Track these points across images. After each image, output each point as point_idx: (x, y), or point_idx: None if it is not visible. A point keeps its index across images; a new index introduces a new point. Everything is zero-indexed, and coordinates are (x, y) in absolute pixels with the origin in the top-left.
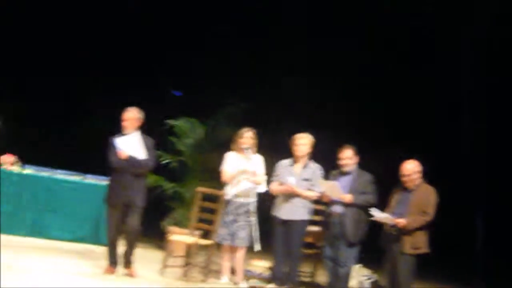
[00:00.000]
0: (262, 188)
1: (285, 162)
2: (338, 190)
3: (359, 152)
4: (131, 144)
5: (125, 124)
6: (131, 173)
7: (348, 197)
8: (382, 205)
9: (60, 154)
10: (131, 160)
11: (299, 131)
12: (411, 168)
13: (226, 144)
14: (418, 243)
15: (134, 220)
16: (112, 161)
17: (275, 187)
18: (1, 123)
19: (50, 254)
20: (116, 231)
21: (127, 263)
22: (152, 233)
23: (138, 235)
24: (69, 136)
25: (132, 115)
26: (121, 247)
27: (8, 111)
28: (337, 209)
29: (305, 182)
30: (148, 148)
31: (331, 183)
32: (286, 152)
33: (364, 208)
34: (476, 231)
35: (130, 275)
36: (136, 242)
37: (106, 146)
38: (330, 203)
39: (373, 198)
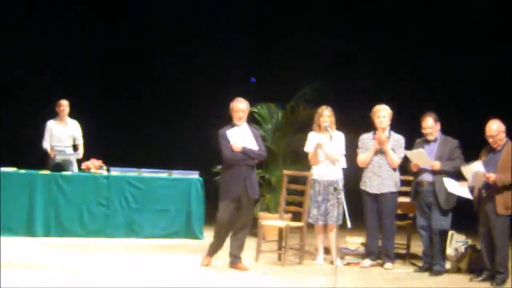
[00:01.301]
0: (343, 164)
1: (367, 135)
2: (425, 157)
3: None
4: (243, 136)
5: (238, 115)
6: (245, 165)
7: (436, 164)
8: None
9: (137, 152)
10: (246, 152)
11: (375, 104)
12: (496, 128)
13: (306, 125)
14: (510, 203)
15: (250, 214)
16: (227, 154)
17: (362, 156)
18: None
19: (153, 252)
20: (229, 225)
21: (238, 259)
22: None
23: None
24: (144, 135)
25: (245, 106)
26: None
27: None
28: (427, 177)
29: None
30: (257, 138)
31: (417, 152)
32: (364, 126)
33: (454, 175)
34: None
35: (245, 269)
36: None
37: (215, 140)
38: (419, 172)
39: (461, 163)
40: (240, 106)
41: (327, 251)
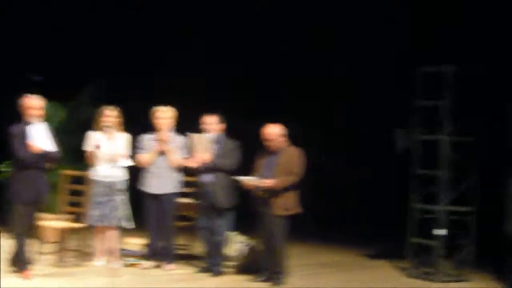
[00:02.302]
0: (127, 163)
1: (148, 136)
2: (208, 143)
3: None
4: (41, 136)
5: (36, 113)
6: (39, 167)
7: (205, 157)
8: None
9: None
10: (44, 154)
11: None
12: (274, 132)
13: (90, 124)
14: (289, 204)
15: (33, 217)
16: (23, 155)
17: (143, 157)
18: None
19: None
20: (28, 230)
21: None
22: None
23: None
24: None
25: (40, 103)
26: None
27: None
28: (207, 178)
29: None
30: (51, 138)
31: (200, 136)
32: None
33: (230, 174)
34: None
35: (28, 277)
36: None
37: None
38: (201, 173)
39: (233, 164)
40: (38, 103)
41: (108, 252)
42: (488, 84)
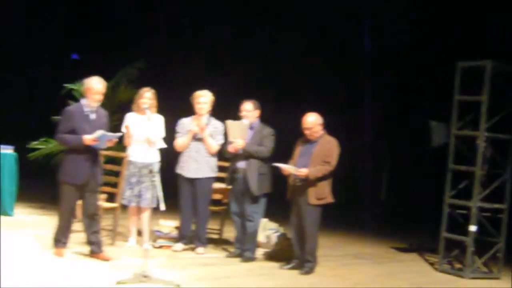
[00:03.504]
0: (162, 145)
1: (186, 120)
2: (246, 130)
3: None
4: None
5: (95, 97)
6: (92, 150)
7: (239, 143)
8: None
9: None
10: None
11: (199, 89)
12: (312, 120)
13: (127, 105)
14: (322, 194)
15: (97, 200)
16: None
17: (179, 141)
18: None
19: None
20: (73, 211)
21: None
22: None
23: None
24: None
25: (102, 88)
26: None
27: None
28: (241, 164)
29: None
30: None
31: (239, 122)
32: (187, 110)
33: (265, 161)
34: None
35: (107, 259)
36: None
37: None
38: (235, 158)
39: (267, 151)
40: (101, 88)
41: (140, 233)
42: None
